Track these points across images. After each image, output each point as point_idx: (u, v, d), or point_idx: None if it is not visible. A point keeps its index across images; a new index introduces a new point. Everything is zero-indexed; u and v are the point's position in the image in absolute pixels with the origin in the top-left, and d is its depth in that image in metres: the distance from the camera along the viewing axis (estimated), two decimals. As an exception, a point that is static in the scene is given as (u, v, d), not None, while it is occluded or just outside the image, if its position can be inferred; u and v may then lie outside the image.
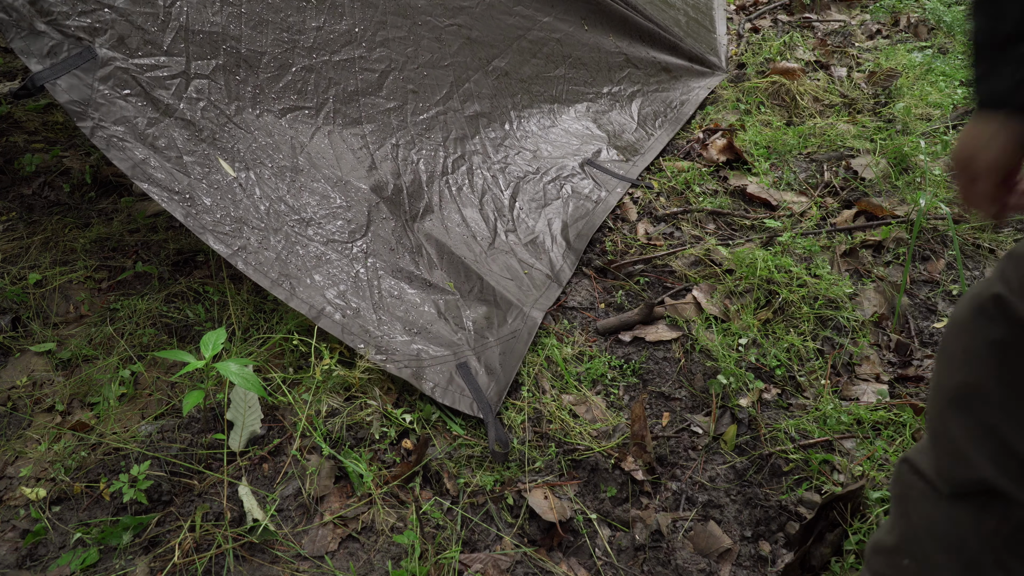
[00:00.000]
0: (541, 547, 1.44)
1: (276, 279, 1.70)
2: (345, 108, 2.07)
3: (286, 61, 1.97)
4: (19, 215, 2.18)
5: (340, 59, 2.08)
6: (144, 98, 1.69)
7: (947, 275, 2.04)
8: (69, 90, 1.58)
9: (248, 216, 1.75)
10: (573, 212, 2.28)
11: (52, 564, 1.35)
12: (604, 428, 1.65)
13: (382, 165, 2.06)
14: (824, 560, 1.35)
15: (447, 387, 1.66)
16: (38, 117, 2.66)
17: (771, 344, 1.82)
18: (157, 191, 1.63)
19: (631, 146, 2.67)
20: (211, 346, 1.49)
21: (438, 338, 1.77)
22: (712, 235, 2.22)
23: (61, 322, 1.87)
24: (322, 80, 2.03)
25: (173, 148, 1.70)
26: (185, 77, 1.77)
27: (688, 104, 2.95)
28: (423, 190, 2.11)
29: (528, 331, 1.83)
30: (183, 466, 1.51)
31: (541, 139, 2.52)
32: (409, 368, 1.66)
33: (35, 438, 1.57)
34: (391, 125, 2.16)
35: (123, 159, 1.61)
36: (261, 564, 1.36)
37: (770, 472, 1.57)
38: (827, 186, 2.38)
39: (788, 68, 2.95)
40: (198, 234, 1.65)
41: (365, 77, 2.13)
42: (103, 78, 1.64)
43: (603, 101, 2.81)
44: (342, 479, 1.52)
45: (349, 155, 2.01)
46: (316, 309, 1.70)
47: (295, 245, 1.78)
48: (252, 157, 1.83)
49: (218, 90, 1.82)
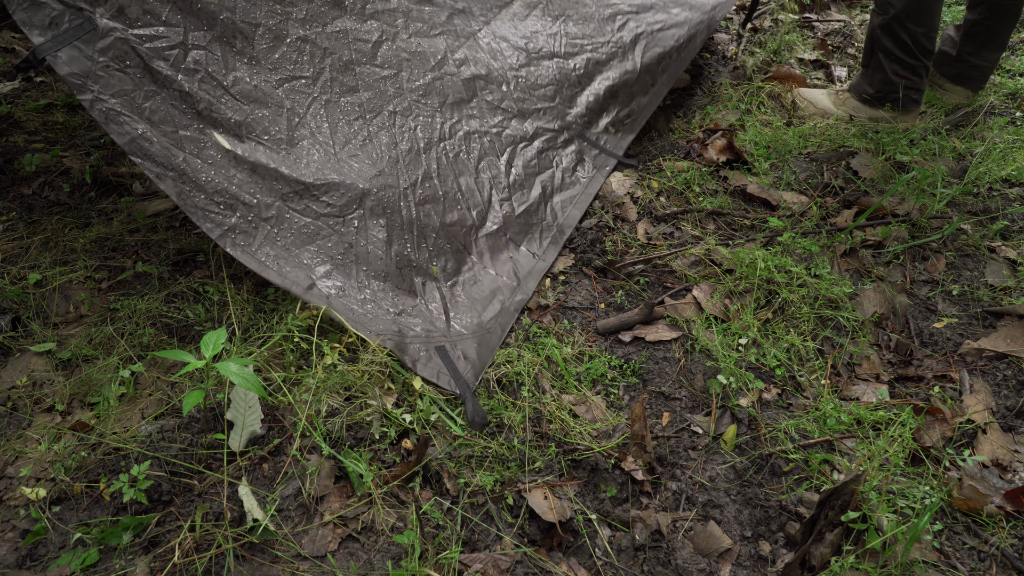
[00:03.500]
0: (541, 547, 1.44)
1: (264, 260, 1.75)
2: (342, 77, 2.07)
3: (281, 32, 1.97)
4: (19, 215, 2.18)
5: (332, 30, 2.09)
6: (142, 69, 1.71)
7: (947, 275, 2.04)
8: (70, 62, 1.61)
9: (241, 192, 1.78)
10: (564, 183, 2.32)
11: (52, 564, 1.35)
12: (604, 428, 1.65)
13: (378, 135, 2.07)
14: (824, 560, 1.35)
15: (427, 363, 1.74)
16: (38, 117, 2.66)
17: (771, 344, 1.83)
18: (151, 166, 1.67)
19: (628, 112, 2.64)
20: (211, 346, 1.49)
21: (418, 320, 1.84)
22: (712, 235, 2.22)
23: (61, 322, 1.87)
24: (317, 50, 2.04)
25: (169, 122, 1.73)
26: (183, 48, 1.79)
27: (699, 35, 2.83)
28: (420, 158, 2.11)
29: (502, 328, 1.89)
30: (183, 466, 1.51)
31: (537, 98, 2.51)
32: (392, 340, 1.74)
33: (35, 438, 1.57)
34: (387, 93, 2.16)
35: (120, 133, 1.65)
36: (261, 564, 1.36)
37: (770, 472, 1.57)
38: (827, 186, 2.38)
39: (791, 74, 2.94)
40: (189, 214, 1.70)
41: (359, 47, 2.14)
42: (103, 49, 1.66)
43: (603, 50, 2.72)
44: (342, 479, 1.52)
45: (344, 127, 2.03)
46: (302, 287, 1.77)
47: (286, 219, 1.82)
48: (248, 130, 1.85)
49: (215, 61, 1.84)
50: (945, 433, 1.61)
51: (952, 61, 2.68)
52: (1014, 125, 2.61)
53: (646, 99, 2.71)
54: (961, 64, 2.66)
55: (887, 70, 2.53)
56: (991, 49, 2.60)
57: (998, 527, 1.44)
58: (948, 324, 1.90)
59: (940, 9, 2.44)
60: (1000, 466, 1.55)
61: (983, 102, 2.74)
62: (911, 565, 1.36)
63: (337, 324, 1.80)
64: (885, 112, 2.61)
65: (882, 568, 1.34)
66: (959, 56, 2.65)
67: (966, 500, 1.47)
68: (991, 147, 2.47)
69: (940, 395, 1.70)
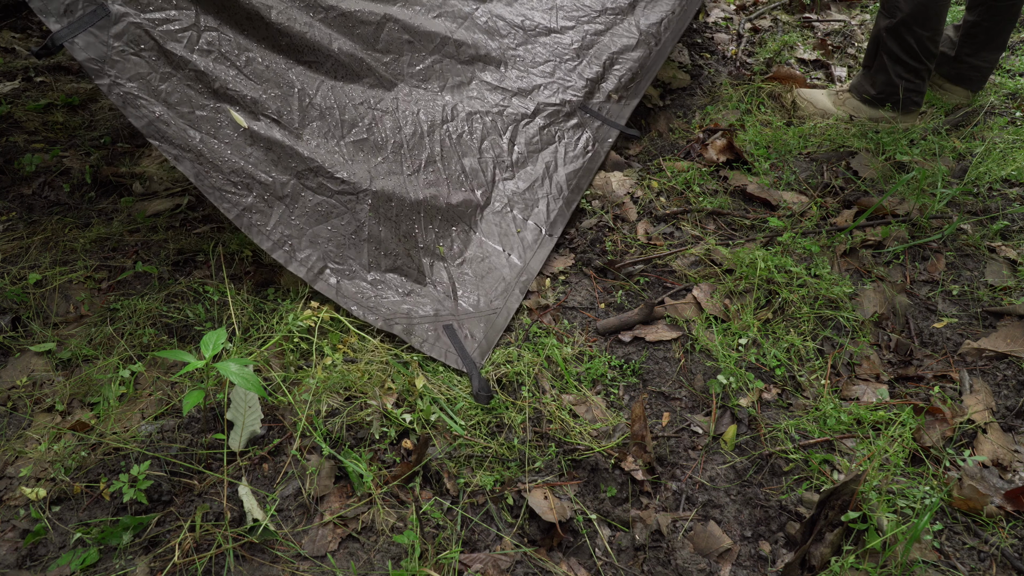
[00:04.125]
0: (541, 547, 1.44)
1: (278, 240, 1.80)
2: (348, 62, 2.11)
3: (291, 15, 2.01)
4: (19, 215, 2.18)
5: (336, 15, 2.13)
6: (157, 52, 1.74)
7: (947, 275, 2.04)
8: (86, 48, 1.64)
9: (256, 171, 1.81)
10: (567, 157, 2.35)
11: (52, 564, 1.35)
12: (604, 428, 1.65)
13: (383, 119, 2.11)
14: (824, 560, 1.35)
15: (434, 343, 1.78)
16: (38, 117, 2.66)
17: (771, 344, 1.83)
18: (169, 148, 1.70)
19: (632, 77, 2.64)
20: (211, 346, 1.49)
21: (426, 300, 1.88)
22: (712, 235, 2.22)
23: (61, 322, 1.87)
24: (323, 35, 2.08)
25: (186, 103, 1.76)
26: (196, 29, 1.82)
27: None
28: (424, 141, 2.15)
29: (508, 311, 1.92)
30: (183, 466, 1.51)
31: (537, 74, 2.53)
32: (400, 324, 1.78)
33: (35, 438, 1.57)
34: (389, 78, 2.21)
35: (138, 116, 1.68)
36: (261, 564, 1.36)
37: (770, 472, 1.57)
38: (827, 186, 2.38)
39: (791, 74, 2.94)
40: (207, 195, 1.73)
41: (362, 32, 2.18)
42: (117, 35, 1.68)
43: (601, 20, 2.72)
44: (342, 479, 1.52)
45: (352, 109, 2.07)
46: (313, 272, 1.81)
47: (301, 197, 1.86)
48: (262, 108, 1.88)
49: (227, 42, 1.87)
50: (945, 433, 1.61)
51: (951, 62, 2.68)
52: (1014, 125, 2.61)
53: (650, 61, 2.70)
54: (960, 65, 2.66)
55: (890, 72, 2.53)
56: (990, 50, 2.60)
57: (998, 527, 1.44)
58: (948, 324, 1.90)
59: (946, 13, 2.44)
60: (1000, 466, 1.55)
61: (983, 102, 2.74)
62: (911, 565, 1.36)
63: (338, 324, 1.80)
64: (885, 112, 2.61)
65: (882, 568, 1.34)
66: (958, 57, 2.65)
67: (966, 500, 1.47)
68: (991, 147, 2.47)
69: (940, 395, 1.70)
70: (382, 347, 1.76)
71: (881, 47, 2.53)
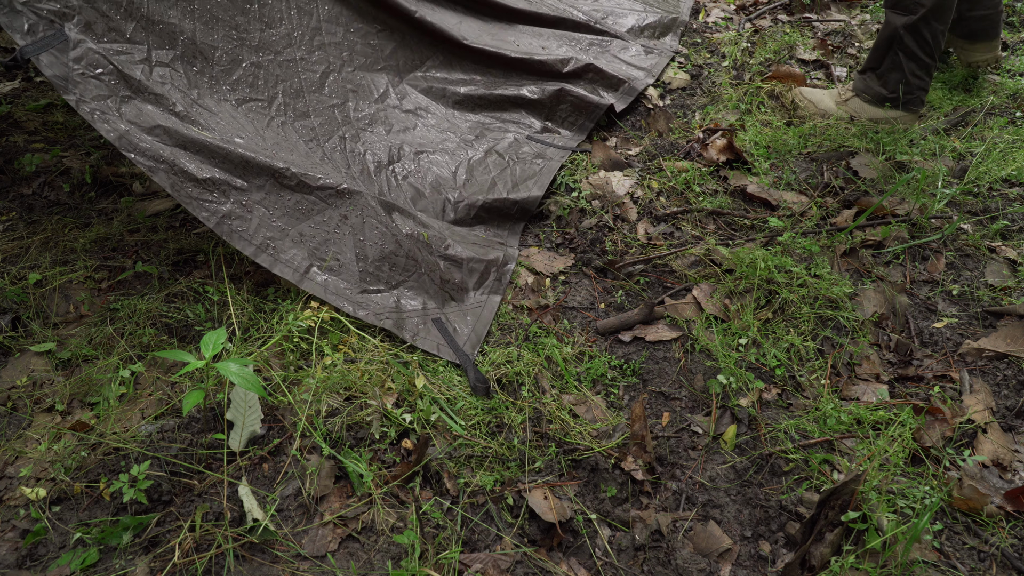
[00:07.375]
0: (541, 547, 1.44)
1: (260, 244, 1.80)
2: (294, 102, 2.16)
3: (237, 56, 2.05)
4: (19, 215, 2.18)
5: (283, 59, 2.18)
6: (117, 76, 1.76)
7: (947, 275, 2.04)
8: (50, 66, 1.66)
9: (232, 178, 1.82)
10: (520, 175, 2.38)
11: (52, 564, 1.35)
12: (604, 428, 1.65)
13: (333, 155, 2.15)
14: (824, 560, 1.35)
15: (426, 336, 1.79)
16: (38, 117, 2.66)
17: (771, 344, 1.83)
18: (143, 160, 1.70)
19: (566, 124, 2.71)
20: (211, 346, 1.49)
21: (413, 294, 1.91)
22: (712, 235, 2.22)
23: (61, 322, 1.87)
24: (270, 76, 2.12)
25: (150, 122, 1.77)
26: (148, 64, 1.85)
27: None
28: (372, 179, 2.19)
29: (489, 309, 1.94)
30: (183, 466, 1.51)
31: (484, 124, 2.60)
32: (390, 319, 1.79)
33: (35, 438, 1.57)
34: (336, 120, 2.25)
35: (109, 130, 1.69)
36: (261, 564, 1.36)
37: (770, 472, 1.57)
38: (827, 186, 2.38)
39: (791, 73, 2.94)
40: (184, 204, 1.74)
41: (308, 76, 2.24)
42: (76, 58, 1.70)
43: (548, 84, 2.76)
44: (342, 479, 1.52)
45: (302, 145, 2.10)
46: (299, 272, 1.81)
47: (279, 197, 1.87)
48: (224, 129, 1.90)
49: (179, 77, 1.90)
50: (945, 433, 1.61)
51: (957, 23, 2.74)
52: (1014, 125, 2.61)
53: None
54: (967, 22, 2.73)
55: (905, 70, 2.54)
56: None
57: (998, 527, 1.44)
58: (948, 324, 1.90)
59: (955, 5, 2.49)
60: (1000, 466, 1.55)
61: (983, 102, 2.74)
62: (911, 565, 1.36)
63: (338, 324, 1.80)
64: (886, 112, 2.61)
65: (882, 568, 1.34)
66: (960, 16, 2.71)
67: (966, 500, 1.47)
68: (991, 147, 2.47)
69: (940, 395, 1.70)
70: (382, 347, 1.76)
71: (896, 45, 2.54)
